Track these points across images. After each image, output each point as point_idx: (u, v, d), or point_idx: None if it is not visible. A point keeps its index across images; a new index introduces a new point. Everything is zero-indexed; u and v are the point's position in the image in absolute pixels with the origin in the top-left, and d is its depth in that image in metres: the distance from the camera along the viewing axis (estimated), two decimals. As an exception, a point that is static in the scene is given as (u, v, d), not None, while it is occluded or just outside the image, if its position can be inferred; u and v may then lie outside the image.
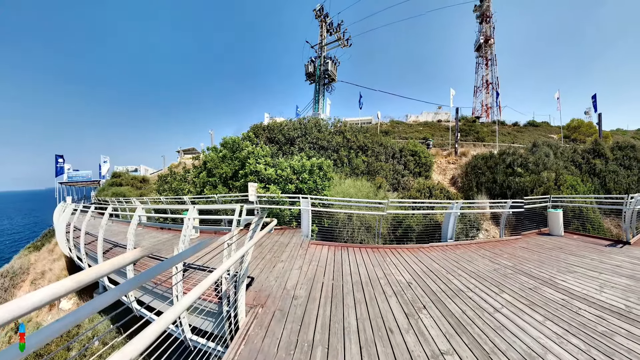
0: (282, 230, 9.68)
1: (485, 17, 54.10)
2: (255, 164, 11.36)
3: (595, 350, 3.08)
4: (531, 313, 3.92)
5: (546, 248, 7.78)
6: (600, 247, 7.72)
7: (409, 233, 9.73)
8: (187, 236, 4.35)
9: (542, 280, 5.23)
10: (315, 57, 33.09)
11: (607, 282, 5.09)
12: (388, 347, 3.09)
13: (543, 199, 11.67)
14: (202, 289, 1.74)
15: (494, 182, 15.59)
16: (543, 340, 3.26)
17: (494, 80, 53.55)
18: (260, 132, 16.11)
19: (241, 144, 13.09)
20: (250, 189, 9.44)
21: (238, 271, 3.77)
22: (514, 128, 43.19)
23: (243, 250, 2.89)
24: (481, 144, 28.81)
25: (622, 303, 4.20)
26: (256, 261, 6.23)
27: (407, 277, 5.33)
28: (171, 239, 9.47)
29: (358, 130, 17.39)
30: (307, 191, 10.60)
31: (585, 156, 17.95)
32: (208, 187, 12.52)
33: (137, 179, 32.27)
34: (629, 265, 6.03)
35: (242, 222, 4.10)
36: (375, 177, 13.96)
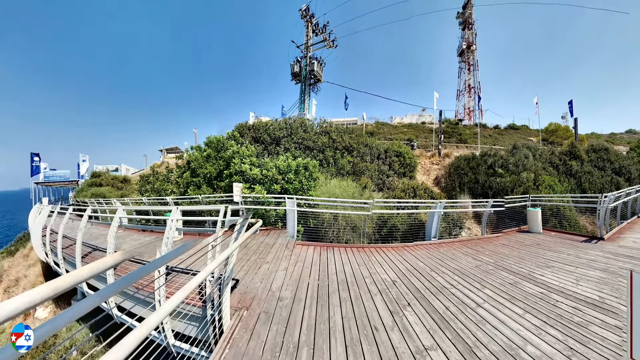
0: (268, 231, 9.58)
1: (467, 24, 55.63)
2: (240, 164, 11.21)
3: (571, 340, 3.20)
4: (511, 307, 4.03)
5: (526, 245, 8.04)
6: (576, 243, 8.06)
7: (394, 232, 9.83)
8: (170, 238, 4.23)
9: (521, 275, 5.40)
10: (301, 57, 33.13)
11: (582, 275, 5.32)
12: (373, 345, 3.09)
13: (523, 198, 12.13)
14: (185, 293, 1.69)
15: (476, 182, 16.03)
16: (523, 332, 3.36)
17: (476, 84, 55.02)
18: (245, 132, 15.92)
19: (226, 144, 12.88)
20: (235, 190, 9.29)
21: (222, 273, 3.69)
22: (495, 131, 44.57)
23: (228, 252, 2.83)
24: (464, 145, 29.49)
25: (596, 295, 4.40)
26: (241, 263, 6.12)
27: (392, 276, 5.37)
28: (153, 241, 9.20)
29: (344, 131, 17.46)
30: (293, 191, 10.54)
31: (562, 158, 18.95)
32: (192, 188, 12.24)
33: (118, 179, 31.03)
34: (602, 260, 6.33)
35: (227, 223, 4.02)
36: (361, 177, 14.03)
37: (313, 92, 33.32)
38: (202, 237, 8.79)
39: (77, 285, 1.33)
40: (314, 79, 32.72)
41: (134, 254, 7.65)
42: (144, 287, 4.81)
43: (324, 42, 32.57)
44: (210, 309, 3.72)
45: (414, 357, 2.89)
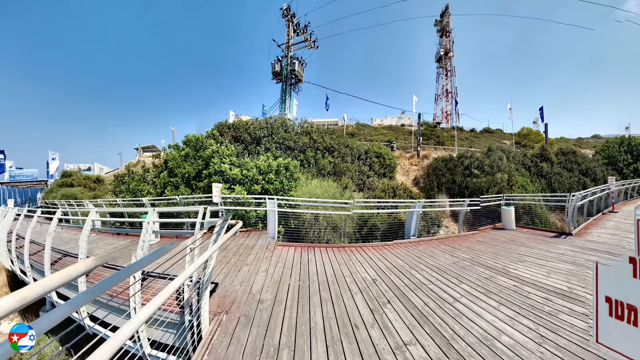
0: (248, 232, 9.40)
1: (445, 32, 57.55)
2: (220, 164, 10.95)
3: (543, 328, 3.34)
4: (487, 300, 4.15)
5: (500, 241, 8.35)
6: (547, 239, 8.47)
7: (374, 232, 9.92)
8: (147, 242, 4.06)
9: (496, 270, 5.58)
10: (282, 56, 32.96)
11: (552, 268, 5.58)
12: (354, 343, 3.07)
13: (497, 198, 12.62)
14: (162, 299, 1.60)
15: (453, 182, 16.58)
16: (497, 323, 3.47)
17: (453, 89, 56.88)
18: (225, 131, 15.62)
19: (205, 142, 12.55)
20: (215, 190, 9.04)
21: (201, 277, 3.57)
22: (471, 134, 46.26)
23: (207, 254, 2.74)
24: (441, 147, 30.33)
25: (565, 285, 4.63)
26: (220, 266, 5.95)
27: (372, 274, 5.39)
28: (129, 245, 8.78)
29: (324, 132, 17.54)
30: (274, 192, 10.41)
31: (534, 160, 20.23)
32: (169, 188, 11.82)
33: (91, 179, 29.38)
34: (571, 253, 6.71)
35: (206, 224, 3.90)
36: (342, 177, 14.11)
37: (294, 92, 33.21)
38: (180, 239, 8.49)
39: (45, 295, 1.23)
40: (295, 78, 32.62)
41: (107, 259, 7.28)
42: (118, 294, 4.58)
43: (305, 42, 32.59)
44: (188, 315, 3.58)
45: (394, 353, 2.90)
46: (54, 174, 34.99)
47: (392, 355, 2.87)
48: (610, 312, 1.14)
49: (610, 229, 9.54)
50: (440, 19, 58.41)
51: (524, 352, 2.92)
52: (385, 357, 2.83)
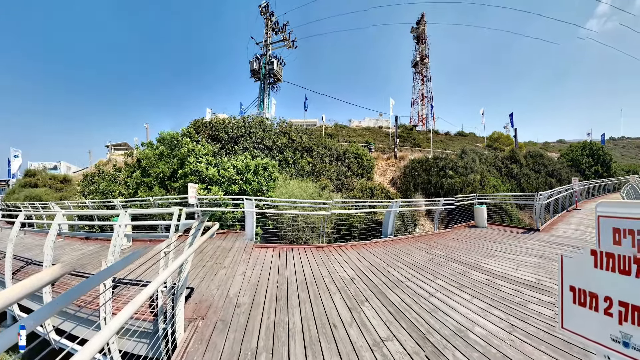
0: (225, 234, 9.17)
1: (421, 39, 59.47)
2: (196, 163, 10.61)
3: (513, 318, 3.49)
4: (460, 294, 4.27)
5: (473, 238, 8.66)
6: (516, 235, 8.89)
7: (352, 231, 9.99)
8: (118, 246, 3.85)
9: (469, 265, 5.77)
10: (261, 54, 32.48)
11: (522, 262, 5.85)
12: (332, 343, 3.06)
13: (470, 197, 13.12)
14: (134, 307, 1.49)
15: (429, 183, 17.11)
16: (471, 316, 3.58)
17: (429, 94, 58.76)
18: (201, 129, 15.17)
19: (180, 141, 12.09)
20: (190, 191, 8.73)
21: (176, 282, 3.42)
22: (446, 136, 48.01)
23: (182, 258, 2.61)
24: (418, 149, 31.14)
25: (533, 277, 4.87)
26: (196, 269, 5.75)
27: (350, 273, 5.40)
28: (99, 250, 8.31)
29: (303, 132, 17.51)
30: (252, 192, 10.23)
31: (504, 162, 21.47)
32: (142, 189, 11.29)
33: (57, 179, 27.37)
34: (538, 247, 7.08)
35: (181, 227, 3.75)
36: (320, 178, 14.12)
37: (272, 92, 32.86)
38: (153, 243, 8.15)
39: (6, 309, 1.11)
40: (273, 77, 32.26)
41: (75, 266, 6.85)
42: (87, 304, 4.30)
43: (283, 41, 32.33)
44: (162, 323, 3.42)
45: (371, 350, 2.91)
46: (16, 173, 32.48)
47: (370, 352, 2.88)
48: (574, 299, 1.21)
49: (574, 224, 10.18)
50: (417, 26, 60.28)
51: (495, 341, 3.03)
52: (363, 355, 2.84)
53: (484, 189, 15.70)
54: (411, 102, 61.29)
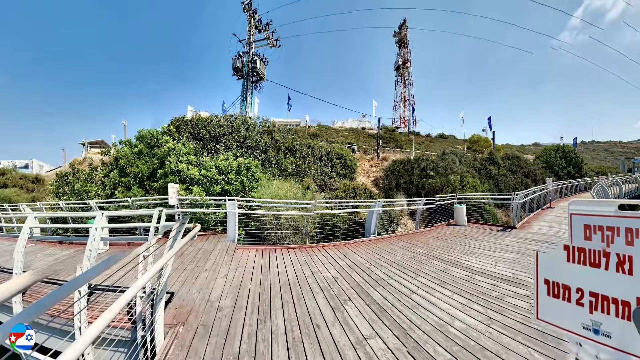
0: (207, 236, 8.96)
1: (403, 43, 60.69)
2: (177, 163, 10.29)
3: (491, 311, 3.61)
4: (441, 290, 4.37)
5: (453, 236, 8.88)
6: (494, 232, 9.21)
7: (335, 231, 10.02)
8: (94, 250, 3.66)
9: (450, 262, 5.92)
10: (244, 52, 31.94)
11: (500, 258, 6.08)
12: (315, 343, 3.04)
13: (450, 197, 13.48)
14: (111, 315, 1.40)
15: (411, 183, 17.47)
16: (451, 311, 3.66)
17: (411, 97, 59.93)
18: (182, 127, 14.72)
19: (160, 139, 11.68)
20: (171, 191, 8.47)
21: (156, 287, 3.28)
22: (427, 138, 49.15)
23: (162, 262, 2.50)
24: (400, 150, 31.67)
25: (510, 272, 5.07)
26: (177, 273, 5.57)
27: (333, 273, 5.40)
28: (73, 255, 7.87)
29: (286, 132, 17.42)
30: (234, 193, 10.06)
31: (483, 163, 22.37)
32: (120, 189, 10.85)
33: (28, 179, 25.91)
34: (515, 244, 7.39)
35: (161, 229, 3.62)
36: (304, 178, 14.07)
37: (256, 90, 32.40)
38: (132, 246, 7.84)
39: None
40: (256, 76, 31.83)
41: (48, 273, 6.38)
42: (61, 313, 4.05)
43: (267, 40, 31.99)
44: (141, 330, 3.27)
45: (354, 348, 2.91)
46: (-19, 172, 30.44)
47: (353, 350, 2.88)
48: (548, 292, 1.27)
49: (549, 222, 10.69)
50: (399, 31, 61.44)
51: (474, 333, 3.13)
52: (345, 353, 2.83)
53: (463, 189, 16.19)
54: (393, 104, 62.38)
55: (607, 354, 1.09)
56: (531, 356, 2.73)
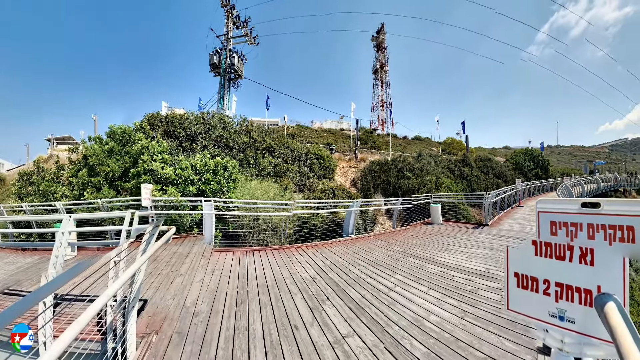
0: (182, 238, 8.67)
1: (380, 48, 61.91)
2: (151, 162, 9.83)
3: (465, 305, 3.75)
4: (417, 286, 4.47)
5: (429, 234, 9.15)
6: (468, 230, 9.58)
7: (314, 231, 10.02)
8: (61, 257, 3.39)
9: (426, 259, 6.08)
10: (221, 48, 30.90)
11: (473, 254, 6.32)
12: (293, 345, 3.01)
13: (426, 197, 13.89)
14: (79, 327, 1.28)
15: (388, 183, 17.87)
16: (427, 306, 3.77)
17: (388, 100, 61.16)
18: (156, 124, 14.08)
19: (133, 136, 11.09)
20: (144, 192, 8.07)
21: (128, 295, 3.10)
22: (404, 140, 50.37)
23: (134, 267, 2.35)
24: (377, 151, 32.18)
25: (483, 267, 5.31)
26: (150, 279, 5.33)
27: (312, 274, 5.37)
28: (37, 263, 7.32)
29: (265, 131, 17.23)
30: (211, 193, 9.79)
31: (457, 165, 23.53)
32: (89, 190, 10.20)
33: None
34: (487, 240, 7.73)
35: (134, 232, 3.42)
36: (282, 178, 13.96)
37: (233, 88, 31.39)
38: (102, 252, 7.47)
39: None
40: (234, 73, 30.94)
41: (8, 283, 5.95)
42: None
43: (245, 37, 31.12)
44: (111, 342, 3.07)
45: (332, 348, 2.91)
46: None
47: (331, 349, 2.88)
48: (517, 284, 1.33)
49: (518, 219, 11.32)
50: (377, 36, 62.67)
51: (448, 326, 3.24)
52: (324, 353, 2.82)
53: (438, 189, 16.75)
54: (371, 106, 63.42)
55: (571, 338, 1.17)
56: (502, 344, 2.87)
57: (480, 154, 30.48)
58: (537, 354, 2.69)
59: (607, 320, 0.93)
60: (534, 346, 2.80)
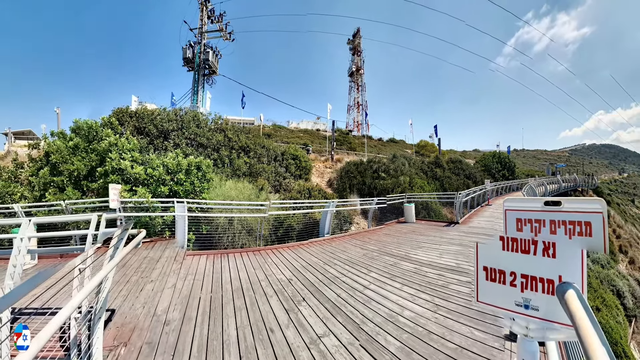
0: (153, 242, 8.27)
1: (356, 51, 62.93)
2: (119, 160, 9.23)
3: (437, 299, 3.90)
4: (392, 283, 4.57)
5: (403, 232, 9.40)
6: (440, 228, 9.97)
7: (290, 232, 9.98)
8: (19, 266, 3.11)
9: (400, 257, 6.23)
10: (195, 42, 29.75)
11: (445, 250, 6.59)
12: (269, 348, 2.96)
13: (400, 197, 14.29)
14: (40, 344, 1.16)
15: (364, 184, 18.22)
16: (401, 302, 3.86)
17: (364, 102, 62.19)
18: (126, 119, 13.25)
19: (100, 132, 10.37)
20: (112, 193, 7.55)
21: (94, 305, 2.87)
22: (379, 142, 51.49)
23: (101, 275, 2.18)
24: (353, 153, 32.63)
25: (454, 262, 5.55)
26: (118, 287, 5.01)
27: (287, 275, 5.32)
28: None
29: (240, 130, 16.87)
30: (183, 194, 9.42)
31: (430, 166, 24.60)
32: (52, 190, 9.40)
33: None
34: (458, 237, 8.08)
35: (100, 237, 3.21)
36: (258, 178, 13.75)
37: (208, 84, 30.34)
38: (66, 259, 6.97)
39: None
40: (208, 69, 29.98)
41: None
42: None
43: (220, 31, 30.17)
44: (76, 357, 2.83)
45: (308, 348, 2.89)
46: None
47: (307, 350, 2.86)
48: (486, 277, 1.43)
49: (487, 217, 11.99)
50: (353, 39, 63.63)
51: (422, 320, 3.35)
52: (299, 354, 2.79)
53: (412, 189, 17.30)
54: (347, 108, 64.21)
55: (535, 324, 1.27)
56: (472, 334, 3.01)
57: (451, 156, 31.98)
58: (505, 341, 2.85)
59: (567, 306, 1.01)
60: (501, 334, 2.97)
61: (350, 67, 63.52)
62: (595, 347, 0.77)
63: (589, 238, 1.23)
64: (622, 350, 8.43)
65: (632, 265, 20.03)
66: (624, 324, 11.36)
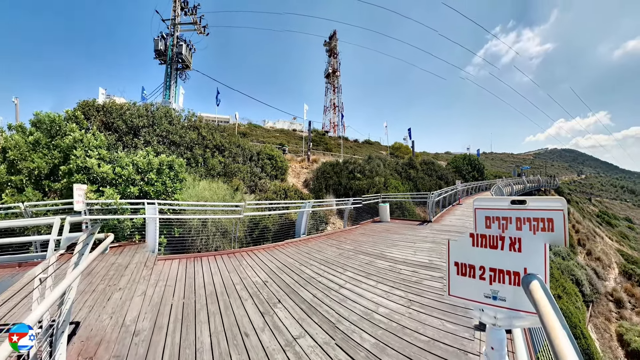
0: (122, 247, 7.80)
1: (333, 53, 63.55)
2: (85, 158, 8.56)
3: (411, 295, 4.02)
4: (367, 281, 4.64)
5: (378, 231, 9.59)
6: (414, 226, 10.27)
7: (265, 233, 9.86)
8: None
9: (375, 255, 6.34)
10: (167, 34, 28.29)
11: (418, 248, 6.79)
12: (243, 353, 2.88)
13: (376, 197, 14.58)
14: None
15: (340, 184, 18.42)
16: (376, 299, 3.93)
17: (340, 104, 62.94)
18: (92, 113, 12.30)
19: (64, 127, 9.61)
20: (77, 194, 7.00)
21: (56, 318, 2.64)
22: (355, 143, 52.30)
23: (64, 285, 2.00)
24: (329, 153, 32.86)
25: (427, 259, 5.74)
26: (84, 297, 4.66)
27: (263, 277, 5.23)
28: None
29: (215, 129, 16.37)
30: (155, 195, 8.97)
31: (404, 167, 25.55)
32: (9, 191, 8.55)
33: None
34: (431, 235, 8.36)
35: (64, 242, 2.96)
36: (233, 179, 13.45)
37: (181, 79, 29.00)
38: (25, 268, 6.43)
39: None
40: (181, 63, 28.68)
41: None
42: None
43: (194, 24, 28.87)
44: None
45: (284, 350, 2.85)
46: None
47: (282, 353, 2.82)
48: (457, 272, 1.51)
49: (458, 215, 12.50)
50: (329, 41, 64.21)
51: (396, 316, 3.44)
52: (275, 358, 2.75)
53: (387, 189, 17.74)
54: (324, 109, 64.62)
55: (502, 314, 1.36)
56: (444, 326, 3.15)
57: (424, 157, 33.42)
58: (474, 331, 3.00)
59: (532, 295, 1.08)
60: (471, 325, 3.12)
61: (327, 68, 64.02)
62: (557, 331, 0.83)
63: (552, 233, 1.34)
64: (580, 332, 9.15)
65: (589, 257, 21.73)
66: (582, 309, 12.37)
